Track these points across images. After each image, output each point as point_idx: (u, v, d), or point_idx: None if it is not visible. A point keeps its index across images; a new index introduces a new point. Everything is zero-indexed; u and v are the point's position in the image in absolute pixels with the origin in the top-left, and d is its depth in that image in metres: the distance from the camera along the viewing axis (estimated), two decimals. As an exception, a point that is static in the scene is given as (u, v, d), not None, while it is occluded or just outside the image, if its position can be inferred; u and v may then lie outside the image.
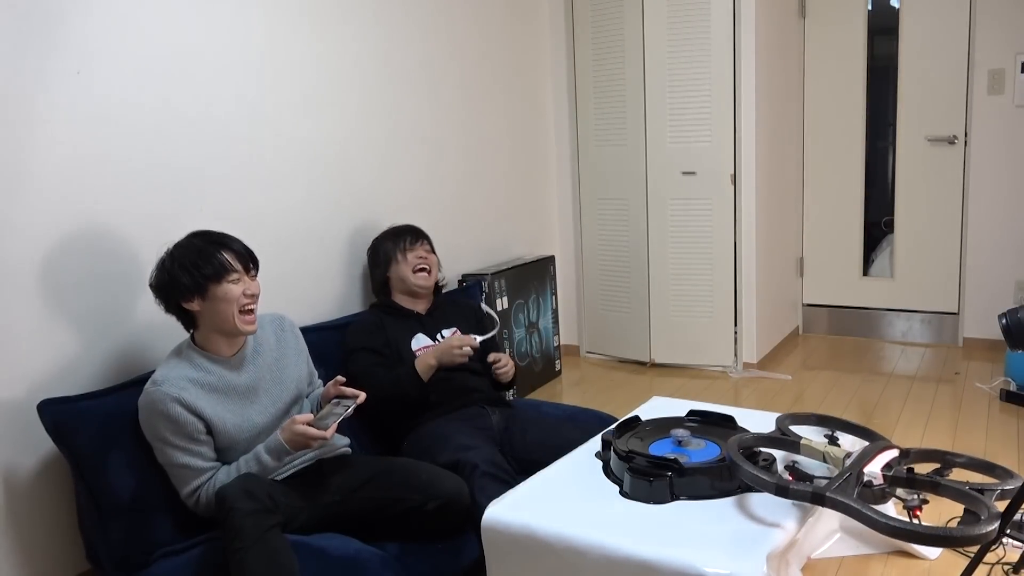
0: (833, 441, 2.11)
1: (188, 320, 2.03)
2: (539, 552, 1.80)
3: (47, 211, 2.09)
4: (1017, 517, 1.98)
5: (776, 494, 1.76)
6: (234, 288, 1.97)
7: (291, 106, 2.76)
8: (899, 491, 1.86)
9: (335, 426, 1.95)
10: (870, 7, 4.41)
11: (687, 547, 1.67)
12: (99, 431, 1.98)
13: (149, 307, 2.33)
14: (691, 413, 2.30)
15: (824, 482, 1.77)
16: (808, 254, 4.77)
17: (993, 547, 1.83)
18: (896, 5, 4.33)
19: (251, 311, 2.02)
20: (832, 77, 4.54)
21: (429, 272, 2.71)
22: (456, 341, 2.49)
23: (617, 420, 2.35)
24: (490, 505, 1.92)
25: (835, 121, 4.57)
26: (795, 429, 2.24)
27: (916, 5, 4.27)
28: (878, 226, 4.63)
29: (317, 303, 2.88)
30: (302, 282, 2.83)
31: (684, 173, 4.03)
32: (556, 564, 1.78)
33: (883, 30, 4.40)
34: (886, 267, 4.61)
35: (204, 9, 2.45)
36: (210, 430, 1.97)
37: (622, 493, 1.94)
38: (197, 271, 1.95)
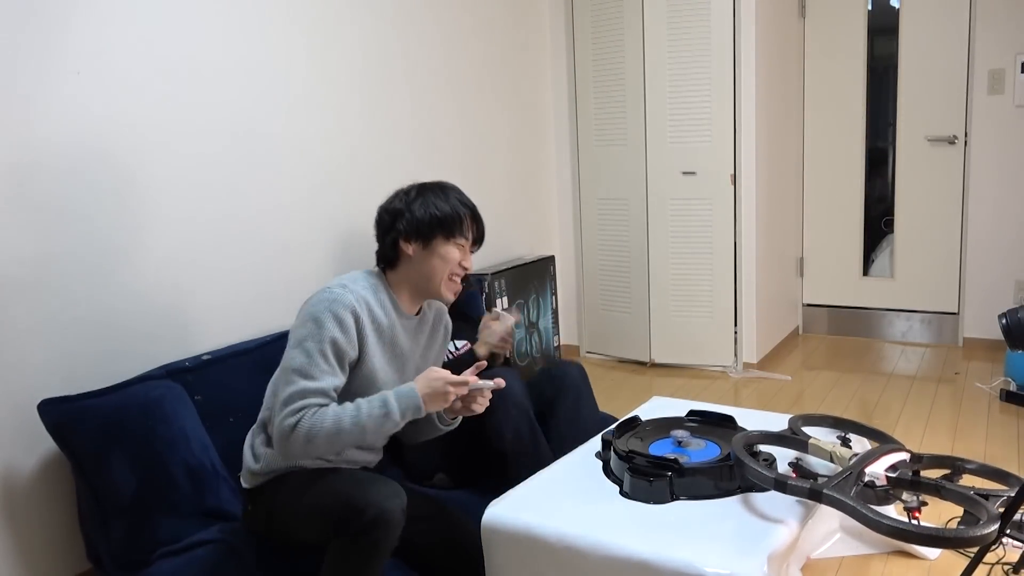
0: (845, 443, 2.11)
1: (389, 260, 1.92)
2: (539, 552, 1.80)
3: (47, 210, 2.09)
4: (1017, 517, 1.98)
5: (775, 488, 1.78)
6: (455, 252, 1.90)
7: (292, 106, 2.76)
8: (903, 493, 1.86)
9: (474, 377, 1.81)
10: (870, 7, 4.41)
11: (687, 547, 1.67)
12: (99, 431, 1.98)
13: (150, 306, 2.34)
14: (691, 413, 2.30)
15: (824, 480, 1.78)
16: (808, 254, 4.77)
17: (993, 547, 1.83)
18: (896, 5, 4.33)
19: (456, 281, 1.94)
20: (832, 77, 4.54)
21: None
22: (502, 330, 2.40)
23: (617, 420, 2.35)
24: (490, 505, 1.93)
25: (835, 121, 4.57)
26: (807, 431, 2.24)
27: (916, 5, 4.27)
28: (878, 226, 4.63)
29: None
30: (301, 283, 2.83)
31: (684, 173, 4.03)
32: (556, 564, 1.78)
33: (883, 30, 4.40)
34: (886, 267, 4.61)
35: (205, 9, 2.45)
36: (356, 365, 1.82)
37: (622, 493, 1.94)
38: (436, 219, 1.87)
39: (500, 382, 1.87)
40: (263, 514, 1.85)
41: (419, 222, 1.87)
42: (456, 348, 2.60)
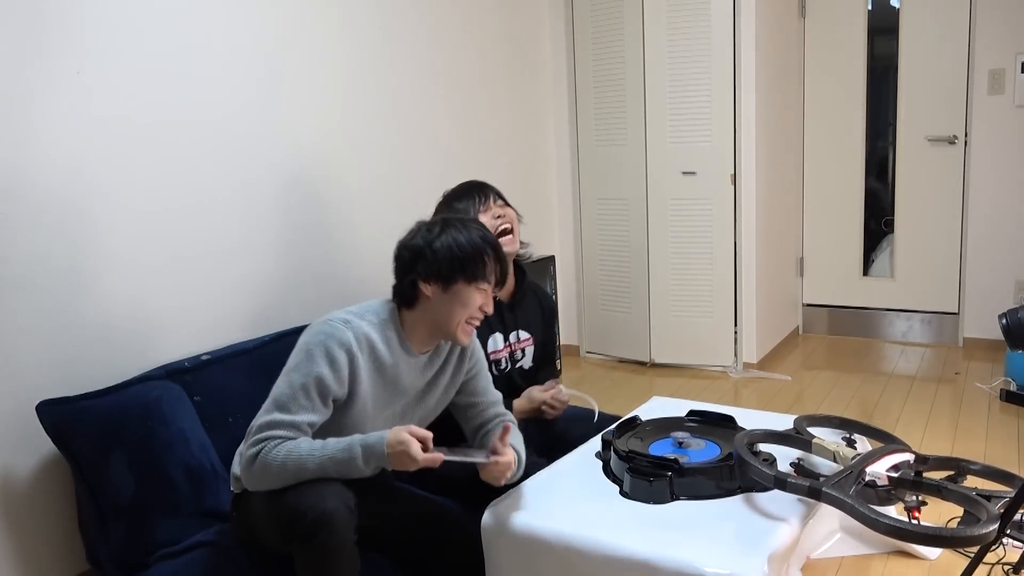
0: (850, 444, 2.10)
1: (407, 299, 1.83)
2: (539, 552, 1.80)
3: (47, 211, 2.08)
4: (1017, 517, 1.98)
5: (775, 486, 1.79)
6: (477, 297, 1.82)
7: (292, 106, 2.76)
8: (905, 494, 1.85)
9: (443, 456, 1.69)
10: (870, 7, 4.41)
11: (687, 547, 1.67)
12: (99, 431, 1.97)
13: (150, 306, 2.33)
14: (691, 413, 2.29)
15: (824, 478, 1.78)
16: (808, 254, 4.77)
17: (993, 547, 1.83)
18: (896, 5, 4.33)
19: (474, 326, 1.87)
20: (832, 77, 4.54)
21: (513, 232, 2.31)
22: (547, 398, 2.26)
23: (617, 420, 2.35)
24: (490, 505, 1.92)
25: (835, 121, 4.57)
26: (812, 431, 2.23)
27: (916, 5, 4.27)
28: (878, 226, 4.63)
29: (316, 304, 2.88)
30: (302, 282, 2.82)
31: (684, 173, 4.03)
32: (556, 564, 1.78)
33: (883, 30, 4.40)
34: (886, 267, 4.61)
35: (205, 8, 2.45)
36: (345, 402, 1.76)
37: (622, 493, 1.93)
38: (458, 262, 1.78)
39: (508, 459, 1.76)
40: (244, 521, 1.83)
41: (440, 263, 1.78)
42: (519, 339, 2.42)
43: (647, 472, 1.90)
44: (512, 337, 2.40)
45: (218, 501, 2.07)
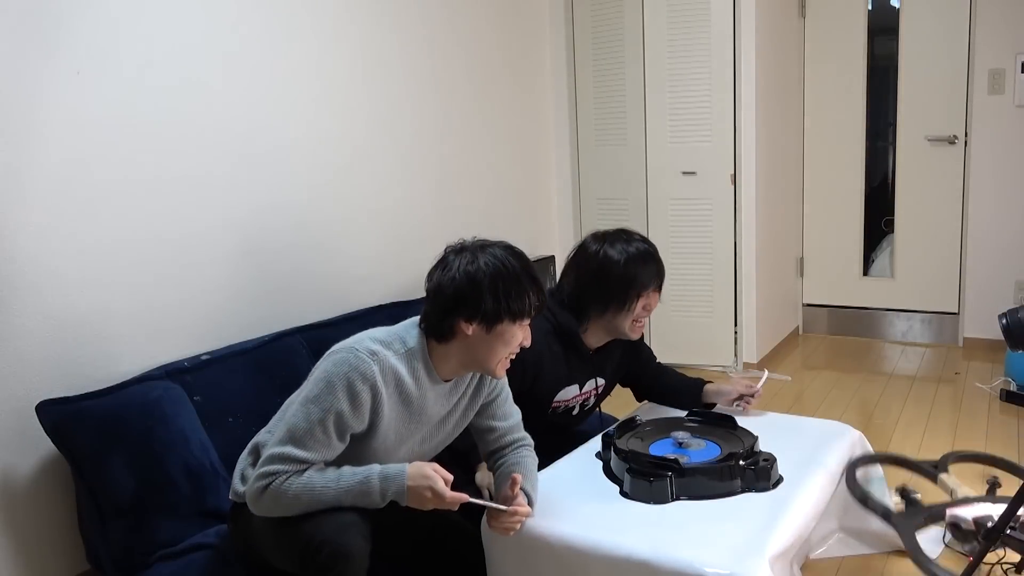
0: (993, 487, 2.04)
1: (442, 335, 1.73)
2: (539, 552, 1.80)
3: (47, 211, 2.09)
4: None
5: (854, 497, 1.75)
6: (520, 334, 1.74)
7: (292, 108, 2.76)
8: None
9: (466, 497, 1.65)
10: (870, 7, 4.41)
11: (687, 547, 1.67)
12: (99, 431, 1.98)
13: (148, 305, 2.33)
14: (691, 413, 2.29)
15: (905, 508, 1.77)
16: (808, 254, 4.77)
17: (993, 547, 1.83)
18: (896, 5, 4.33)
19: (510, 361, 1.80)
20: (832, 77, 4.54)
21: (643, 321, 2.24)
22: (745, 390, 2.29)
23: (617, 420, 2.35)
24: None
25: (835, 121, 4.57)
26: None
27: (916, 5, 4.27)
28: (878, 226, 4.63)
29: (315, 303, 2.88)
30: (301, 281, 2.82)
31: (684, 173, 4.03)
32: (556, 564, 1.77)
33: (883, 30, 4.40)
34: (886, 267, 4.61)
35: (205, 9, 2.45)
36: (365, 433, 1.70)
37: (622, 493, 1.93)
38: (506, 302, 1.69)
39: (526, 510, 1.74)
40: (241, 533, 1.81)
41: (486, 304, 1.68)
42: (594, 386, 2.34)
43: (647, 472, 1.90)
44: (588, 385, 2.32)
45: (218, 501, 2.07)
